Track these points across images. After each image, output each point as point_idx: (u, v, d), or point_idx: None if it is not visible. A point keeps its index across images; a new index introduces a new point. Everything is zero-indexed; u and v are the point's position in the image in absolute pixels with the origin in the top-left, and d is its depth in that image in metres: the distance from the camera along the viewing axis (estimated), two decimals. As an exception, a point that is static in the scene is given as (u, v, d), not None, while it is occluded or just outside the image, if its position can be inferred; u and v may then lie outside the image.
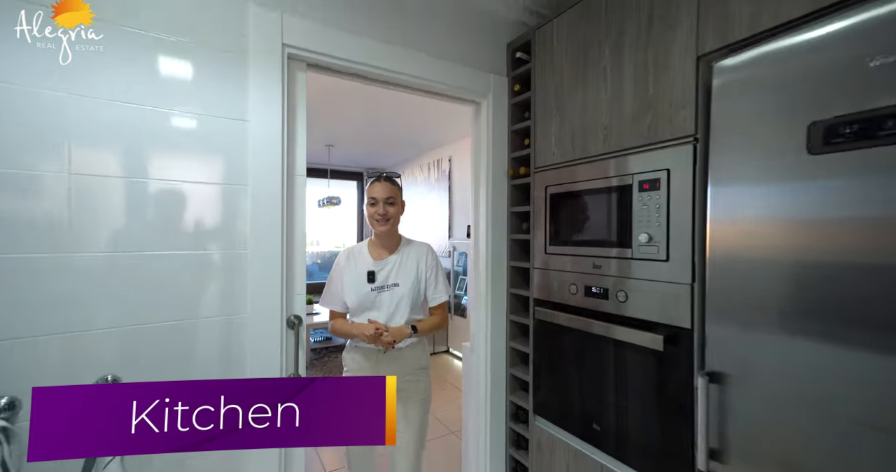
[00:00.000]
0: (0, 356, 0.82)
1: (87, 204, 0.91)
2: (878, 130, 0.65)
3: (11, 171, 0.85)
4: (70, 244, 0.90)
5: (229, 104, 1.08)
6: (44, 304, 0.87)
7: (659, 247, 1.04)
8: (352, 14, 1.27)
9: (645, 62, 1.07)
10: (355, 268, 1.38)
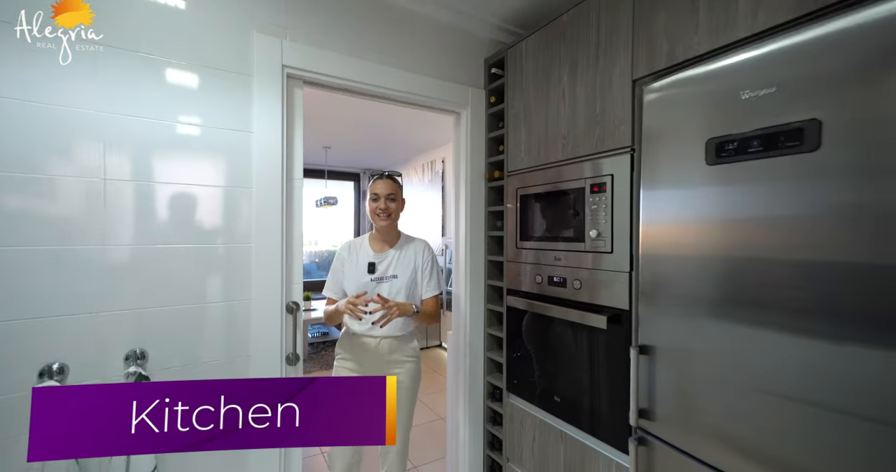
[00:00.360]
0: (49, 330, 0.99)
1: (117, 204, 1.08)
2: (748, 148, 0.83)
3: (59, 177, 1.02)
4: (105, 238, 1.07)
5: (237, 118, 1.25)
6: (81, 287, 1.04)
7: (605, 241, 1.21)
8: (342, 38, 1.44)
9: (594, 84, 1.25)
10: (356, 259, 1.46)
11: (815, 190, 0.76)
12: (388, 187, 1.46)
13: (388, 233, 1.49)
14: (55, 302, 1.00)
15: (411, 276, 1.46)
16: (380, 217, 1.44)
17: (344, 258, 1.48)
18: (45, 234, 1.00)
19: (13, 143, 0.96)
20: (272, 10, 1.30)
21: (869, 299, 0.70)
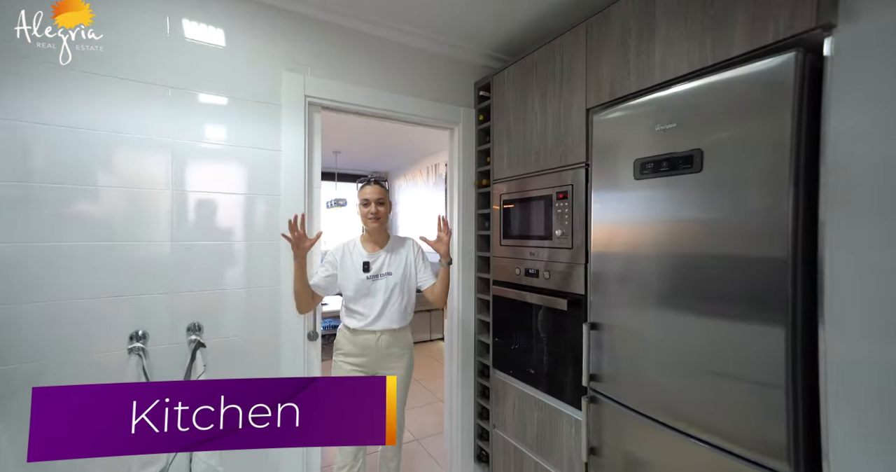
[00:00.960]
0: (136, 305, 1.30)
1: (183, 209, 1.39)
2: (660, 168, 1.10)
3: (133, 190, 1.33)
4: (175, 236, 1.38)
5: (270, 140, 1.55)
6: (158, 274, 1.35)
7: (567, 239, 1.49)
8: (353, 70, 1.73)
9: (558, 110, 1.52)
10: (351, 260, 1.54)
11: (702, 201, 1.03)
12: (376, 193, 1.54)
13: (379, 234, 1.58)
14: (141, 284, 1.32)
15: (404, 272, 1.56)
16: (371, 221, 1.52)
17: (337, 260, 1.54)
18: (129, 233, 1.31)
19: (108, 162, 1.28)
20: (298, 53, 1.61)
21: (736, 283, 0.96)
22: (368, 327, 1.50)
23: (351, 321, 1.53)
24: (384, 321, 1.50)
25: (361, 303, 1.51)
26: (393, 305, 1.53)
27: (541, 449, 1.62)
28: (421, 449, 2.41)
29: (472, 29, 1.83)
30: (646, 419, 1.17)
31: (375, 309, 1.49)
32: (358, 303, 1.51)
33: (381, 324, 1.50)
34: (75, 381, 1.23)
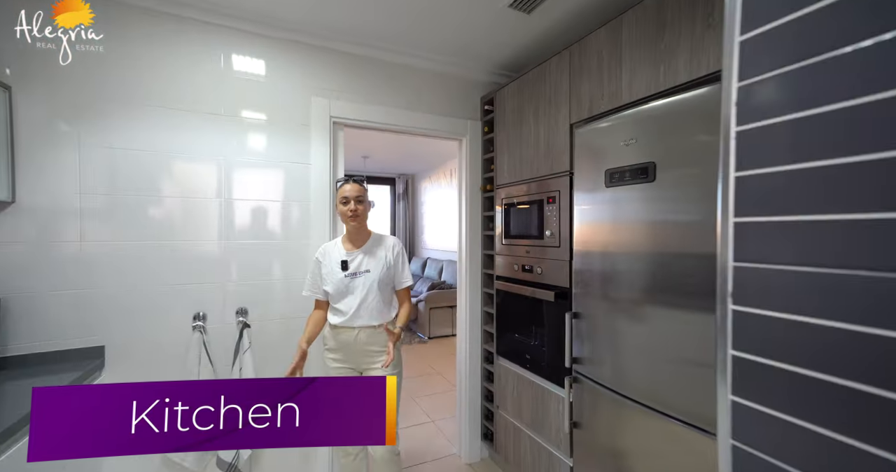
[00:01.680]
0: (197, 291, 1.63)
1: (230, 213, 1.70)
2: (624, 178, 1.28)
3: (189, 199, 1.64)
4: (228, 236, 1.69)
5: (301, 155, 1.84)
6: (214, 266, 1.66)
7: (555, 238, 1.68)
8: (372, 93, 1.99)
9: (548, 125, 1.71)
10: (330, 259, 1.56)
11: (655, 207, 1.20)
12: (355, 191, 1.55)
13: (359, 232, 1.59)
14: (199, 275, 1.64)
15: (382, 271, 1.55)
16: (350, 219, 1.53)
17: (320, 261, 1.58)
18: (187, 233, 1.63)
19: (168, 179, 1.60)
20: (325, 81, 1.89)
21: (692, 278, 1.13)
22: (347, 324, 1.52)
23: (333, 318, 1.56)
24: (362, 318, 1.51)
25: (341, 301, 1.53)
26: (370, 302, 1.53)
27: (535, 426, 1.82)
28: (436, 430, 2.65)
29: (477, 52, 2.04)
30: (619, 396, 1.35)
31: (353, 306, 1.50)
32: (338, 301, 1.54)
33: (358, 321, 1.51)
34: (157, 349, 1.56)
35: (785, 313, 0.38)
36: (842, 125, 0.35)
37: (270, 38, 1.78)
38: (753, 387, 0.39)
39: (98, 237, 1.50)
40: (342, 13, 1.69)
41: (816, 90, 0.37)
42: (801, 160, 0.37)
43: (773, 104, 0.40)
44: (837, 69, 0.36)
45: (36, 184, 1.41)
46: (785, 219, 0.39)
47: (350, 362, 1.56)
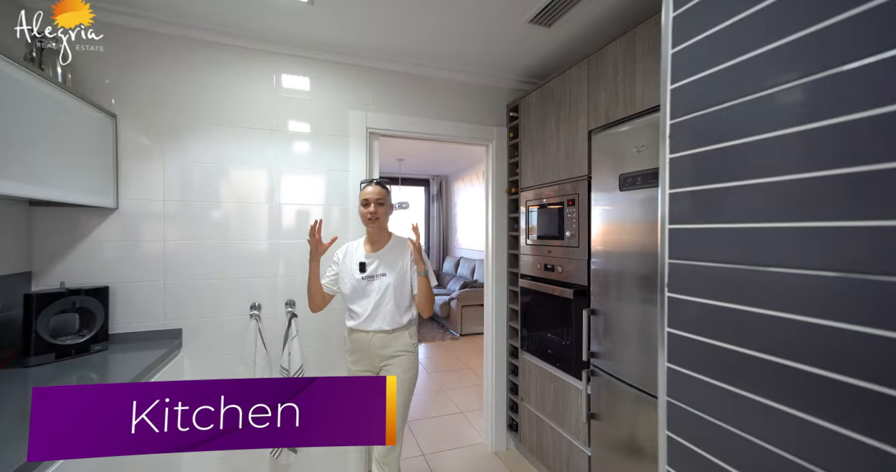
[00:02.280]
0: (254, 284, 1.88)
1: (277, 216, 1.94)
2: (636, 182, 1.35)
3: (243, 203, 1.89)
4: (277, 235, 1.93)
5: (341, 163, 2.05)
6: (267, 262, 1.91)
7: (575, 239, 1.77)
8: (404, 104, 2.17)
9: (568, 131, 1.81)
10: (350, 260, 1.58)
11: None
12: (376, 193, 1.56)
13: (378, 235, 1.60)
14: (253, 270, 1.89)
15: (400, 273, 1.55)
16: (370, 221, 1.55)
17: (340, 259, 1.61)
18: (241, 234, 1.88)
19: (223, 187, 1.86)
20: (361, 96, 2.09)
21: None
22: (361, 327, 1.52)
23: (348, 321, 1.57)
24: (376, 322, 1.50)
25: (357, 303, 1.53)
26: (385, 306, 1.51)
27: (555, 417, 1.91)
28: (465, 420, 2.79)
29: (502, 63, 2.16)
30: (633, 388, 1.43)
31: (367, 309, 1.50)
32: (354, 303, 1.54)
33: (373, 324, 1.51)
34: (222, 333, 1.82)
35: (705, 298, 0.48)
36: (721, 159, 0.46)
37: (314, 59, 2.00)
38: (682, 356, 0.50)
39: (175, 237, 1.78)
40: (375, 35, 1.87)
41: (712, 131, 0.48)
42: (701, 183, 0.48)
43: (688, 142, 0.52)
44: (723, 119, 0.46)
45: (132, 193, 1.71)
46: (701, 226, 0.50)
47: (366, 364, 1.56)
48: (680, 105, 0.49)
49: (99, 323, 1.53)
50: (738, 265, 0.44)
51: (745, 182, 0.44)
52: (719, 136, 0.48)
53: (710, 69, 0.47)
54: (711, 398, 0.45)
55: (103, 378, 1.32)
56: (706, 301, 0.47)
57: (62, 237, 1.61)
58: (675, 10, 0.56)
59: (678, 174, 0.51)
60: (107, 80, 1.67)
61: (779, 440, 0.42)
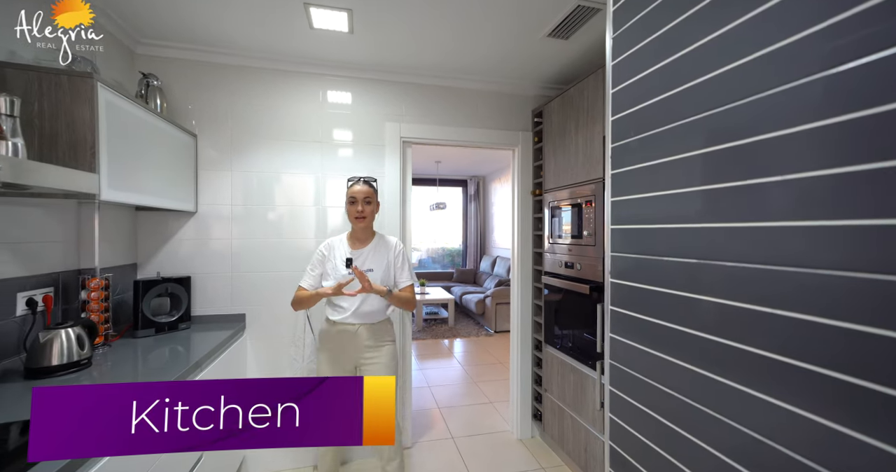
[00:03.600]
0: (296, 278, 2.16)
1: (323, 217, 2.21)
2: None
3: (294, 206, 2.18)
4: (318, 235, 2.21)
5: (377, 169, 2.29)
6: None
7: (592, 238, 1.87)
8: (436, 114, 2.37)
9: (587, 137, 1.91)
10: (335, 256, 1.62)
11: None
12: (364, 192, 1.60)
13: (364, 232, 1.66)
14: (303, 265, 2.18)
15: (385, 270, 1.63)
16: (357, 219, 1.60)
17: (324, 255, 1.65)
18: (291, 232, 2.17)
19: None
20: (395, 108, 2.31)
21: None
22: (347, 320, 1.58)
23: (333, 314, 1.62)
24: (363, 316, 1.58)
25: (342, 297, 1.56)
26: (372, 300, 1.59)
27: (575, 406, 2.02)
28: (494, 410, 2.95)
29: (525, 73, 2.29)
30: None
31: (355, 303, 1.57)
32: (339, 297, 1.56)
33: (360, 318, 1.58)
34: (277, 319, 2.13)
35: (634, 282, 0.63)
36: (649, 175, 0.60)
37: (353, 78, 2.25)
38: (621, 328, 0.65)
39: (239, 236, 2.11)
40: (407, 55, 2.08)
41: (643, 157, 0.63)
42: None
43: (627, 159, 0.67)
44: (648, 146, 0.60)
45: (207, 199, 2.05)
46: (632, 227, 0.65)
47: (344, 361, 1.62)
48: (619, 132, 0.64)
49: (184, 306, 1.88)
50: (650, 256, 0.59)
51: (658, 193, 0.58)
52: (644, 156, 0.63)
53: (644, 103, 0.60)
54: (645, 361, 0.59)
55: (188, 351, 1.63)
56: (632, 284, 0.61)
57: (157, 236, 1.98)
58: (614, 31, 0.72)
59: (618, 186, 0.66)
60: (189, 105, 2.02)
61: (674, 385, 0.56)
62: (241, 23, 1.77)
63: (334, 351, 1.63)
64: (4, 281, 1.18)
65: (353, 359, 1.64)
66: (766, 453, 0.50)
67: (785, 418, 0.48)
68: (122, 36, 1.81)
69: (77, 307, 1.49)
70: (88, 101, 1.15)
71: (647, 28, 0.70)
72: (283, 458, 2.14)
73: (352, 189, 1.63)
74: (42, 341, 1.17)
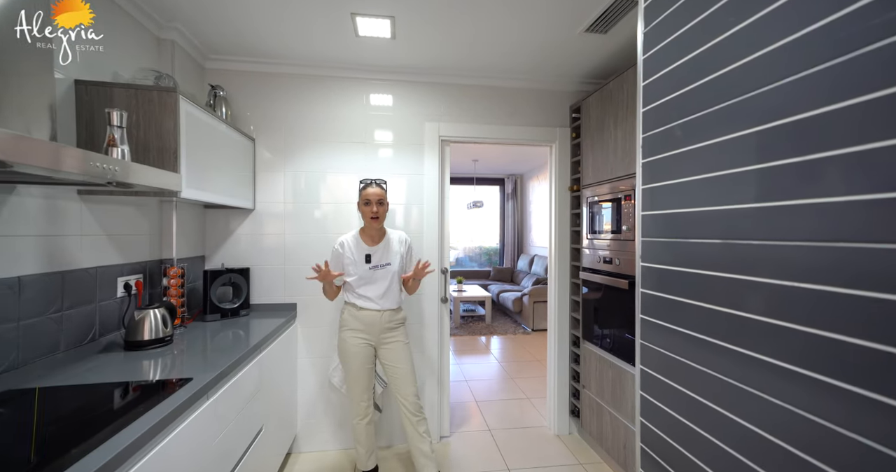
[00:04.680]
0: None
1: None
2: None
3: (339, 204, 2.32)
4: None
5: (417, 167, 2.39)
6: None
7: (631, 232, 1.86)
8: (474, 113, 2.43)
9: (625, 131, 1.89)
10: (353, 252, 1.81)
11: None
12: (377, 194, 1.79)
13: (378, 230, 1.86)
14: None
15: (400, 262, 1.87)
16: (372, 220, 1.79)
17: (341, 253, 1.84)
18: (335, 229, 2.31)
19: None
20: (434, 109, 2.40)
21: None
22: (373, 307, 1.81)
23: (359, 301, 1.84)
24: (387, 302, 1.83)
25: (365, 288, 1.81)
26: (393, 289, 1.85)
27: (614, 402, 2.01)
28: (531, 406, 2.96)
29: (563, 69, 2.30)
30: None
31: (380, 293, 1.82)
32: (361, 288, 1.82)
33: (384, 304, 1.83)
34: (323, 308, 2.28)
35: (662, 265, 0.66)
36: (677, 191, 0.63)
37: (395, 81, 2.36)
38: (653, 310, 0.68)
39: (290, 231, 2.29)
40: (445, 57, 2.16)
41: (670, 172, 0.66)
42: (660, 208, 0.66)
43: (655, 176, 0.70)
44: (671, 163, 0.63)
45: (263, 197, 2.25)
46: (661, 240, 0.68)
47: (371, 339, 1.86)
48: (649, 123, 0.66)
49: (244, 295, 2.07)
50: (676, 239, 0.62)
51: (701, 177, 0.61)
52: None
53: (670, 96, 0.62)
54: (671, 341, 0.61)
55: (247, 335, 1.80)
56: (666, 267, 0.64)
57: (221, 231, 2.20)
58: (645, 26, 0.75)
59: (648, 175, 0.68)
60: (248, 112, 2.22)
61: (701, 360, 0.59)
62: (294, 35, 1.93)
63: (359, 331, 1.85)
64: (109, 267, 1.40)
65: (377, 339, 1.87)
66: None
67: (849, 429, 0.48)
68: (196, 54, 2.04)
69: (159, 292, 1.70)
70: (172, 112, 1.33)
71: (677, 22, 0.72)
72: (332, 439, 2.30)
73: (366, 192, 1.80)
74: (136, 318, 1.37)
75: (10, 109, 0.79)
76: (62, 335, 1.23)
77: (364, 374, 1.86)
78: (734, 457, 0.56)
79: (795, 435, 0.51)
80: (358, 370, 1.85)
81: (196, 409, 1.08)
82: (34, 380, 1.07)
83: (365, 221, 1.85)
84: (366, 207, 1.79)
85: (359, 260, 1.82)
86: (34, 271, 1.14)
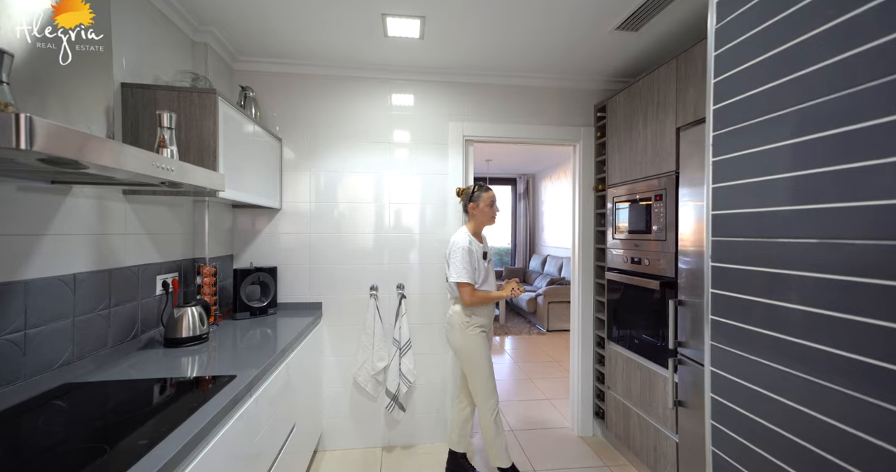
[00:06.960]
0: (371, 269, 2.31)
1: (381, 213, 2.35)
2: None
3: (355, 203, 2.33)
4: (385, 230, 2.34)
5: (441, 167, 2.39)
6: (379, 252, 2.33)
7: (662, 233, 1.83)
8: (498, 113, 2.42)
9: (656, 129, 1.87)
10: (476, 251, 1.94)
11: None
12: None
13: (485, 230, 2.06)
14: (366, 258, 2.32)
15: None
16: (493, 220, 2.01)
17: (472, 251, 1.91)
18: (352, 228, 2.32)
19: (340, 190, 2.32)
20: (458, 109, 2.40)
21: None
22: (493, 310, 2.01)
23: (490, 306, 1.98)
24: None
25: (487, 284, 1.95)
26: (496, 284, 2.01)
27: (642, 404, 1.99)
28: (551, 407, 2.95)
29: (590, 68, 2.28)
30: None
31: (494, 288, 1.98)
32: (485, 284, 1.94)
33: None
34: (349, 307, 2.29)
35: (740, 265, 0.65)
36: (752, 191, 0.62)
37: (420, 81, 2.36)
38: (724, 310, 0.67)
39: (315, 231, 2.30)
40: (473, 56, 2.15)
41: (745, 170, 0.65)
42: (735, 207, 0.65)
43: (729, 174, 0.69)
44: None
45: (289, 197, 2.26)
46: (729, 239, 0.67)
47: (489, 330, 2.01)
48: (721, 122, 0.65)
49: (272, 293, 2.09)
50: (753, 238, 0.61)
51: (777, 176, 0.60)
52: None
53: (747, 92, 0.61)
54: (741, 339, 0.60)
55: (275, 333, 1.82)
56: (740, 267, 0.63)
57: (249, 230, 2.22)
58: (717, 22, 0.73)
59: (719, 173, 0.67)
60: (274, 112, 2.24)
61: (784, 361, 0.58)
62: (322, 35, 1.94)
63: (486, 326, 1.97)
64: (149, 265, 1.42)
65: (491, 330, 2.04)
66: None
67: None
68: (227, 56, 2.06)
69: (193, 290, 1.72)
70: (212, 113, 1.35)
71: (754, 20, 0.70)
72: (355, 437, 2.31)
73: (490, 194, 1.97)
74: (176, 316, 1.38)
75: (78, 111, 0.81)
76: (110, 332, 1.25)
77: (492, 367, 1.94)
78: (824, 458, 0.54)
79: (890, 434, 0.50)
80: (491, 365, 1.92)
81: (243, 405, 1.09)
82: (88, 375, 1.10)
83: (487, 221, 1.99)
84: (491, 209, 1.96)
85: (479, 258, 1.92)
86: (86, 268, 1.16)
